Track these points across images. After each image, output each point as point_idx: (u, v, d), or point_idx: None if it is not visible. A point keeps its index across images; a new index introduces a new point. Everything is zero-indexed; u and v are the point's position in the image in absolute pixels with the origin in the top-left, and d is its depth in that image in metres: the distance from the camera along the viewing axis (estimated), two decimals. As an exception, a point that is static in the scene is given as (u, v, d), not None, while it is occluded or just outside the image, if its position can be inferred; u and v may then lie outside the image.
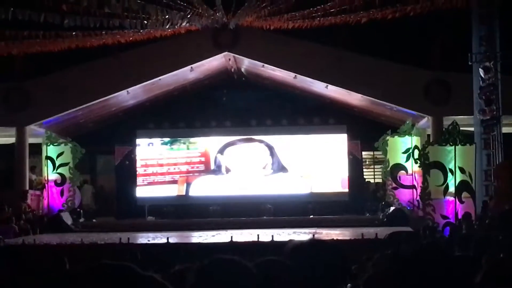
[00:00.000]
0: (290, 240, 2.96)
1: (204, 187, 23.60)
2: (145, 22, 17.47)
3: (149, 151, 23.82)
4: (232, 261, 2.52)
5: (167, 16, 17.39)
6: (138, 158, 23.82)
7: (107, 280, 2.09)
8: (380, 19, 16.79)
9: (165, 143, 23.85)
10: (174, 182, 23.69)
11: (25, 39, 17.38)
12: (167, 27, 18.20)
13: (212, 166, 23.67)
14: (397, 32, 21.21)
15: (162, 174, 23.77)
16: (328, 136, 23.68)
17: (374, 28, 19.86)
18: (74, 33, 17.49)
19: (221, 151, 23.62)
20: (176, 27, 18.63)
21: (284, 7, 17.36)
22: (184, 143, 23.87)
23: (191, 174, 23.73)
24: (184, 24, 18.46)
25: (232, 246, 14.90)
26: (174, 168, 23.78)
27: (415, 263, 1.42)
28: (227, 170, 23.63)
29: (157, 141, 23.86)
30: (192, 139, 23.85)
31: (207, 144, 23.78)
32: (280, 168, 23.51)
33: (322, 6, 17.07)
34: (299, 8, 17.58)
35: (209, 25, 19.99)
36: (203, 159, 23.72)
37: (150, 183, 23.71)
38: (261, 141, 23.70)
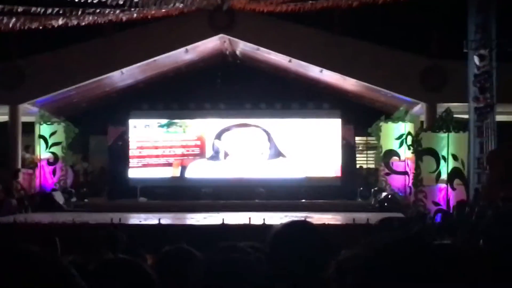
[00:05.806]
0: (271, 227, 2.88)
1: (199, 170, 23.56)
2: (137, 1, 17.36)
3: (145, 133, 23.74)
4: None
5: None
6: (134, 139, 23.75)
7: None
8: (371, 3, 16.65)
9: (162, 126, 23.75)
10: (169, 165, 23.65)
11: (19, 15, 17.24)
12: (160, 7, 18.09)
13: (209, 152, 23.60)
14: (394, 18, 21.16)
15: (157, 156, 23.71)
16: (322, 120, 23.63)
17: (371, 14, 19.81)
18: (64, 10, 17.30)
19: (218, 136, 23.54)
20: (170, 7, 18.53)
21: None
22: (180, 126, 23.76)
23: (186, 158, 23.69)
24: (178, 5, 18.35)
25: (223, 228, 14.94)
26: (170, 151, 23.73)
27: (390, 252, 1.40)
28: (226, 156, 23.58)
29: (153, 123, 23.75)
30: (188, 122, 23.74)
31: (203, 128, 23.69)
32: (277, 153, 23.45)
33: None
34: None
35: (203, 7, 19.88)
36: (198, 142, 23.66)
37: (144, 165, 23.67)
38: (257, 126, 23.63)
